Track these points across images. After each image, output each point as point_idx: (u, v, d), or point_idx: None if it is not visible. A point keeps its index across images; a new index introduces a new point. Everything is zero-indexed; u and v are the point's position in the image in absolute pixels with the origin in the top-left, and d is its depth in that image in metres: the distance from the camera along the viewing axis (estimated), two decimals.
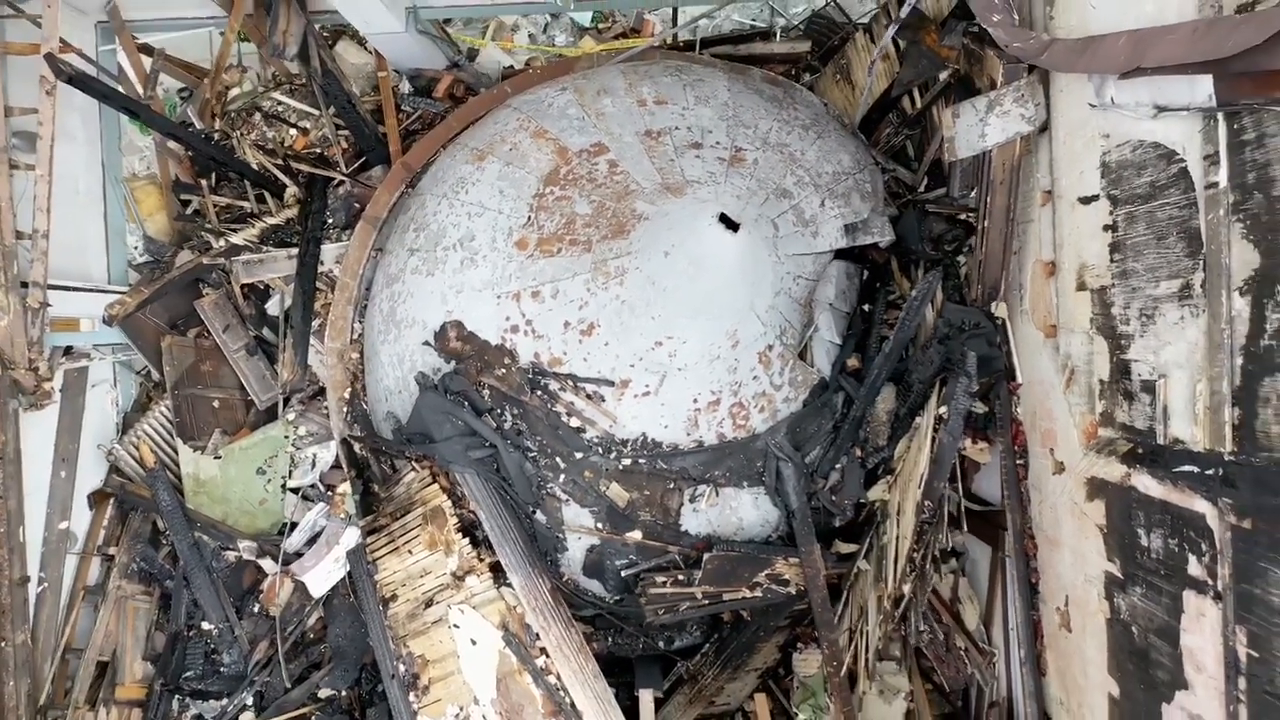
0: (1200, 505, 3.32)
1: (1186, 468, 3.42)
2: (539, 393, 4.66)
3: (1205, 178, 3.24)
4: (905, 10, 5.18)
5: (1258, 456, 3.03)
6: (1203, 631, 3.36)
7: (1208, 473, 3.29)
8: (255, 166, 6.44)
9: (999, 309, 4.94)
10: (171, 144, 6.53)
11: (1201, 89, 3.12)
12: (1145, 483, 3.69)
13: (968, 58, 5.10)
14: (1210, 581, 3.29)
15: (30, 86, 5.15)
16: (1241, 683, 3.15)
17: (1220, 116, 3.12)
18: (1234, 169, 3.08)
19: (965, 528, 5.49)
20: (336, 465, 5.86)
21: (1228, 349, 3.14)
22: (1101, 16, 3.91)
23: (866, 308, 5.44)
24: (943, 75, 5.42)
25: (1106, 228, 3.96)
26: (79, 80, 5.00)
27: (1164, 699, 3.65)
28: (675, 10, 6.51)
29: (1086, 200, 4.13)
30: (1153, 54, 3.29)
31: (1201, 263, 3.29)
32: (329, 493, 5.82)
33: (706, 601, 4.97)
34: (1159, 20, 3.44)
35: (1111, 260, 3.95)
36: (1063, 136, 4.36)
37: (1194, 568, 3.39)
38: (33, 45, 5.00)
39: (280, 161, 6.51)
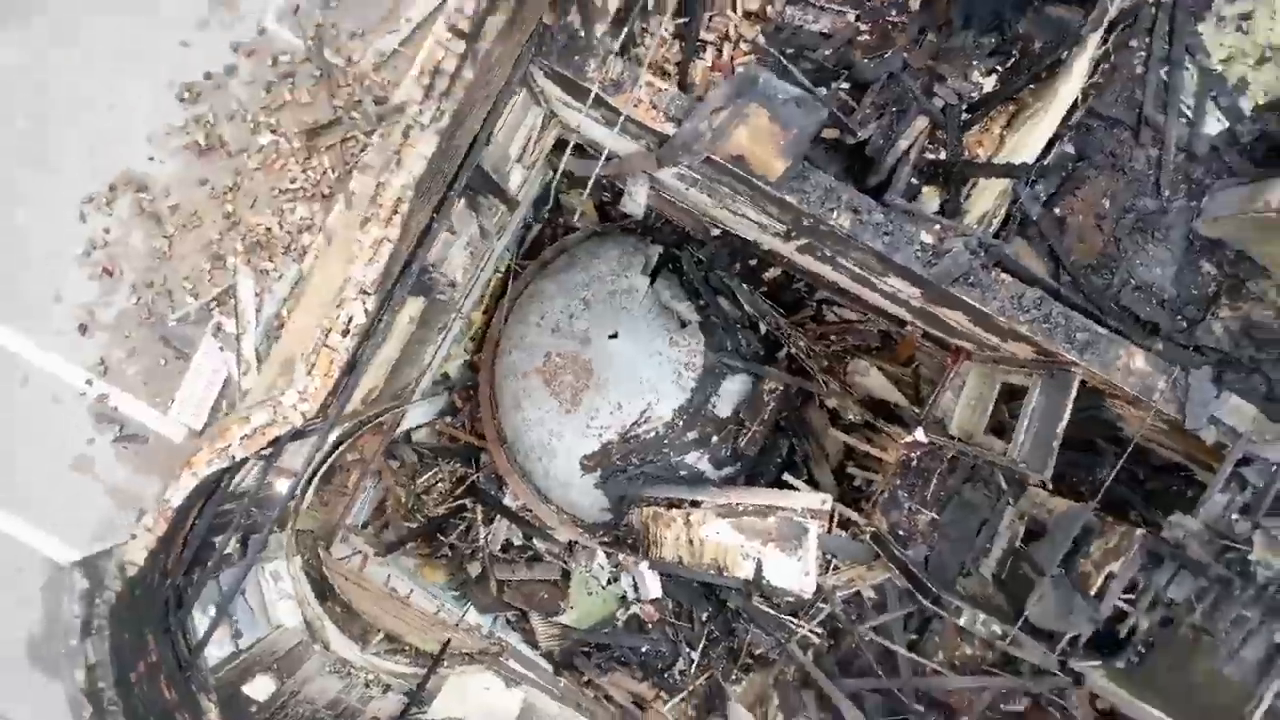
0: None
1: None
2: (629, 442, 10.10)
3: None
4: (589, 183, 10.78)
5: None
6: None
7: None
8: (443, 513, 11.93)
9: None
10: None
11: (664, 174, 8.62)
12: None
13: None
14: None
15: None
16: None
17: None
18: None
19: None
20: (609, 554, 11.28)
21: None
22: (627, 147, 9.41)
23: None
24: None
25: None
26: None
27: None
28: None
29: None
30: (633, 166, 8.78)
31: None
32: (618, 566, 11.25)
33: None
34: (631, 149, 8.92)
35: None
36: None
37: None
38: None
39: (449, 506, 12.02)
